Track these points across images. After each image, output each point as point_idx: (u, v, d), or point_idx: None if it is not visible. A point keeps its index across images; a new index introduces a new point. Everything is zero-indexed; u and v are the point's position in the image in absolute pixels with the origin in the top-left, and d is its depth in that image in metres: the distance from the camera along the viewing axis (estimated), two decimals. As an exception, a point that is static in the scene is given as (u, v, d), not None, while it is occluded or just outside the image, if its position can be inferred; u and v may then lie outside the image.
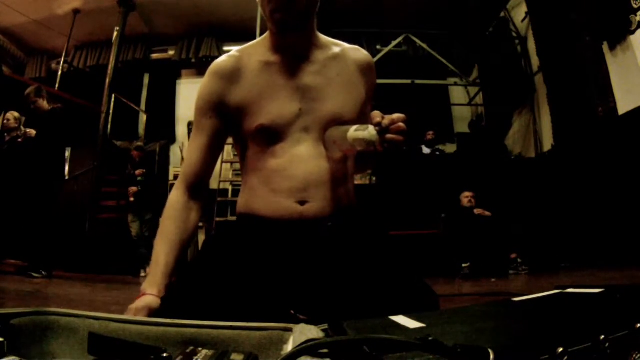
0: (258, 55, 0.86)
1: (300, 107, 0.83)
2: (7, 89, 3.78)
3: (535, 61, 5.12)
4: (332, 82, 0.86)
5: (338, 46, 0.92)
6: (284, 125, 0.82)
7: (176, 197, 0.85)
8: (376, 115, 0.75)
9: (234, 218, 0.92)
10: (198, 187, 0.86)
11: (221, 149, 0.89)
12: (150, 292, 0.75)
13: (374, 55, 5.45)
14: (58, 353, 0.45)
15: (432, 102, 6.44)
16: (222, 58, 0.87)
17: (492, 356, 0.27)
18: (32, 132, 3.36)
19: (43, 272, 3.24)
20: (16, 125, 3.57)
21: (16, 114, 3.60)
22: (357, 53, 0.93)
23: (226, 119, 0.85)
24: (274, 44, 0.86)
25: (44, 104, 3.46)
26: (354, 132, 0.74)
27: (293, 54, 0.85)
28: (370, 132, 0.73)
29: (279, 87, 0.84)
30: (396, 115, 0.74)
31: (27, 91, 3.46)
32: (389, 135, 0.73)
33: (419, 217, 4.35)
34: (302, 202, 0.81)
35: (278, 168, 0.82)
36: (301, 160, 0.82)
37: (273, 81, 0.84)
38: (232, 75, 0.84)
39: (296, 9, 0.77)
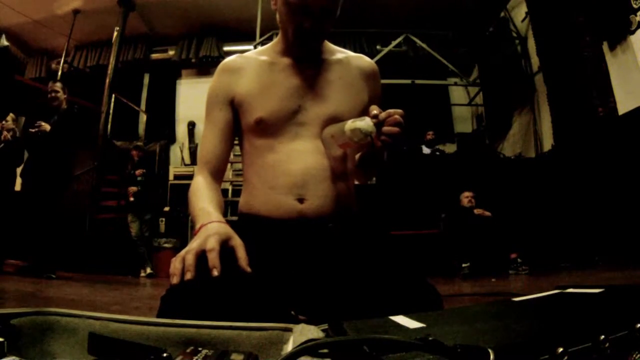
0: (265, 56, 0.91)
1: (299, 104, 0.85)
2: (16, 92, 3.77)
3: (535, 61, 5.12)
4: (332, 84, 0.88)
5: (342, 53, 0.94)
6: (282, 119, 0.84)
7: (201, 178, 0.85)
8: (373, 108, 0.77)
9: (234, 218, 0.92)
10: (217, 172, 0.88)
11: (233, 140, 0.92)
12: (210, 220, 0.69)
13: (374, 56, 5.46)
14: (58, 353, 0.45)
15: (432, 102, 6.45)
16: (231, 57, 0.93)
17: (492, 356, 0.27)
18: (47, 126, 3.29)
19: (52, 275, 3.24)
20: (14, 126, 3.57)
21: (13, 115, 3.60)
22: (361, 60, 0.95)
23: (234, 111, 0.89)
24: (283, 48, 0.89)
25: (63, 99, 3.45)
26: (351, 122, 0.76)
27: (299, 57, 0.88)
28: (367, 122, 0.74)
29: (280, 84, 0.86)
30: (393, 110, 0.75)
31: (56, 82, 3.46)
32: (385, 128, 0.74)
33: (419, 217, 4.35)
34: (300, 200, 0.82)
35: (276, 163, 0.83)
36: (298, 155, 0.83)
37: (275, 79, 0.87)
38: (238, 71, 0.89)
39: (325, 26, 0.82)
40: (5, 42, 2.77)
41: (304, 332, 0.43)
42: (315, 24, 0.79)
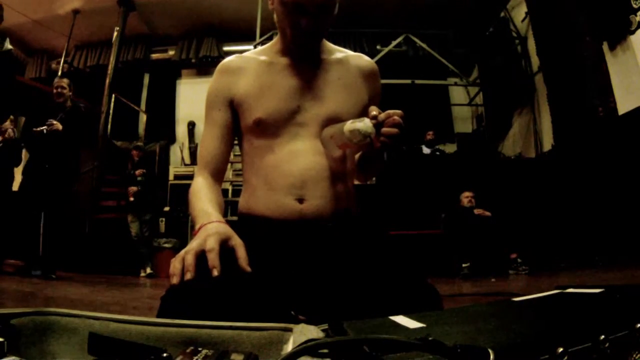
0: (264, 57, 0.90)
1: (298, 105, 0.85)
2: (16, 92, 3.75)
3: (535, 61, 5.13)
4: (332, 84, 0.88)
5: (342, 52, 0.94)
6: (281, 120, 0.84)
7: (201, 179, 0.85)
8: (372, 109, 0.76)
9: (234, 218, 0.92)
10: (217, 172, 0.88)
11: (232, 140, 0.91)
12: (210, 220, 0.70)
13: (374, 56, 5.46)
14: (58, 353, 0.45)
15: (432, 102, 6.45)
16: (230, 57, 0.93)
17: (492, 356, 0.27)
18: (59, 125, 3.24)
19: (53, 275, 3.24)
20: (12, 126, 3.57)
21: (12, 117, 3.61)
22: (360, 60, 0.94)
23: (233, 111, 0.89)
24: (282, 48, 0.89)
25: (68, 96, 3.43)
26: (350, 124, 0.76)
27: (297, 57, 0.88)
28: (366, 123, 0.74)
29: (279, 85, 0.86)
30: (392, 111, 0.75)
31: (63, 78, 3.44)
32: (384, 129, 0.74)
33: (419, 217, 4.35)
34: (300, 200, 0.82)
35: (275, 163, 0.83)
36: (298, 155, 0.83)
37: (274, 79, 0.87)
38: (237, 71, 0.89)
39: (322, 25, 0.82)
40: (9, 46, 2.76)
41: (304, 332, 0.43)
42: (313, 22, 0.79)
